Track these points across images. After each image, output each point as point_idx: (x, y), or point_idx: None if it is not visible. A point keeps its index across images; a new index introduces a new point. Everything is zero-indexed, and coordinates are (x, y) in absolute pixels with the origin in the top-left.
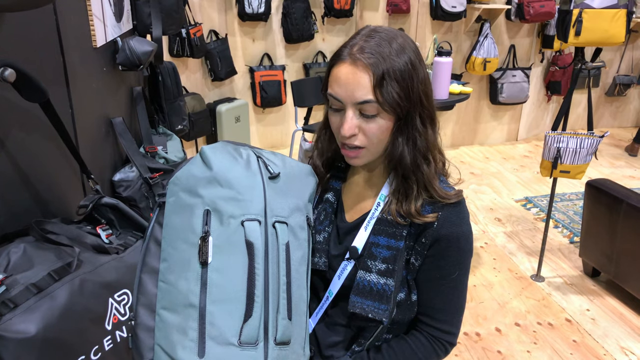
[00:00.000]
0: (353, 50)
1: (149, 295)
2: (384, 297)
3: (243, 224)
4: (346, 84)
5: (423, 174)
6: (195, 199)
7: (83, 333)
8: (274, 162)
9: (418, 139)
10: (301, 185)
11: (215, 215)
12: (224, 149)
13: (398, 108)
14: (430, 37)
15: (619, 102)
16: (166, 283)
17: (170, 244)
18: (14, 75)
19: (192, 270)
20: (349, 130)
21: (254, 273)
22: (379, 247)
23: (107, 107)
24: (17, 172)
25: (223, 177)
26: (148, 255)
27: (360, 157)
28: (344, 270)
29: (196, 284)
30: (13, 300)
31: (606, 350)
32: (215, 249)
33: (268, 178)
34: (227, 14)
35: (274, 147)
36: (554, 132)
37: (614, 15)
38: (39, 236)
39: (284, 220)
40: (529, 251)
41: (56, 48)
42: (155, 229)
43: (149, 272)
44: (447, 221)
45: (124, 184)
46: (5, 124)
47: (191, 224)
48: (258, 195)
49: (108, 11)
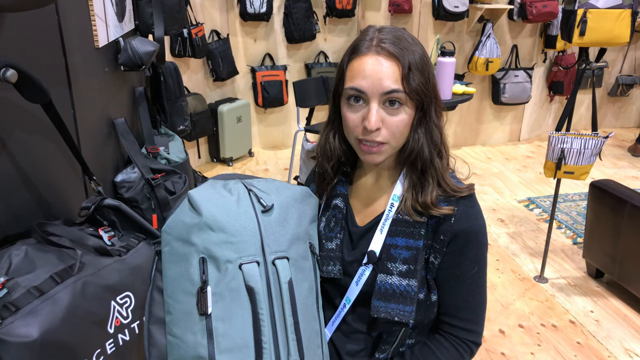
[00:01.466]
0: (373, 43)
1: (160, 347)
2: (408, 299)
3: (241, 268)
4: (372, 74)
5: (436, 168)
6: (189, 248)
7: (85, 336)
8: (267, 192)
9: (434, 131)
10: (299, 211)
11: (212, 262)
12: (212, 189)
13: (423, 97)
14: (432, 37)
15: (621, 102)
16: (173, 337)
17: (171, 296)
18: (15, 76)
19: (196, 322)
20: (375, 124)
21: (259, 319)
22: (397, 248)
23: (109, 108)
24: (19, 174)
25: (213, 221)
26: (153, 305)
27: (381, 154)
28: (362, 276)
29: (202, 336)
30: (15, 304)
31: (610, 352)
32: (216, 297)
33: (261, 212)
34: (228, 13)
35: (276, 147)
36: (558, 133)
37: (619, 15)
38: (41, 238)
39: (284, 256)
40: (532, 252)
41: (58, 48)
42: (157, 277)
43: (156, 322)
44: (464, 216)
45: (126, 185)
46: (7, 125)
47: (189, 274)
48: (253, 234)
49: (110, 11)
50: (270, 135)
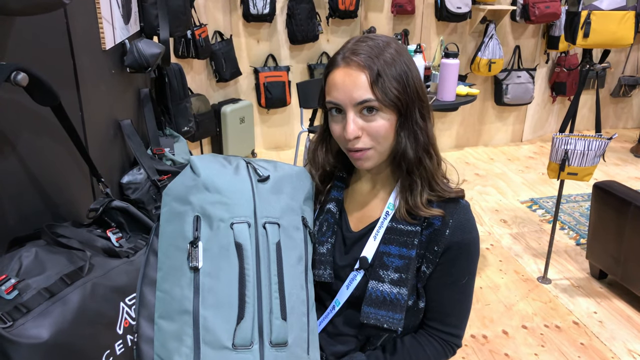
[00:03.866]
0: (346, 55)
1: (149, 307)
2: (398, 306)
3: (232, 227)
4: (343, 86)
5: (426, 169)
6: (186, 207)
7: (95, 337)
8: (265, 167)
9: (419, 133)
10: (294, 186)
11: (205, 220)
12: (213, 158)
13: (399, 103)
14: (435, 38)
15: (624, 103)
16: (162, 292)
17: (164, 253)
18: (26, 79)
19: (185, 276)
20: (352, 133)
21: (245, 274)
22: (390, 256)
23: (116, 110)
24: (28, 176)
25: (210, 183)
26: (147, 266)
27: (368, 159)
28: (352, 281)
29: (189, 290)
30: (26, 305)
31: (614, 353)
32: (206, 254)
33: (257, 181)
34: (232, 15)
35: (279, 148)
36: (561, 134)
37: (623, 17)
38: (51, 240)
39: (275, 221)
40: (535, 253)
41: (67, 51)
42: (154, 241)
43: (148, 283)
44: (458, 228)
45: (132, 186)
46: (17, 128)
47: (182, 230)
48: (247, 198)
49: (116, 13)
50: (273, 136)
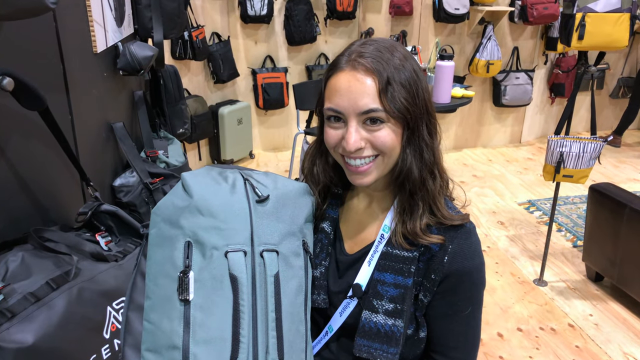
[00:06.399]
0: (351, 57)
1: (136, 335)
2: (393, 340)
3: (227, 256)
4: (348, 92)
5: (428, 191)
6: (176, 231)
7: (81, 342)
8: (264, 183)
9: (425, 150)
10: (295, 207)
11: (197, 247)
12: (207, 175)
13: (407, 114)
14: (433, 40)
15: (623, 103)
16: (150, 322)
17: (153, 280)
18: (12, 84)
19: (174, 309)
20: (354, 144)
21: (239, 310)
22: (385, 284)
23: (108, 113)
24: (17, 180)
25: (204, 205)
26: (134, 291)
27: (368, 174)
28: (346, 309)
29: (179, 324)
30: (11, 310)
31: (609, 355)
32: (198, 285)
33: (255, 202)
34: (229, 16)
35: (277, 149)
36: (556, 137)
37: (617, 19)
38: (38, 244)
39: (273, 249)
40: (531, 255)
41: (56, 55)
42: (142, 263)
43: (135, 309)
44: (458, 255)
45: (125, 189)
46: (5, 132)
47: (172, 257)
48: (243, 223)
49: (109, 16)
50: (271, 137)
